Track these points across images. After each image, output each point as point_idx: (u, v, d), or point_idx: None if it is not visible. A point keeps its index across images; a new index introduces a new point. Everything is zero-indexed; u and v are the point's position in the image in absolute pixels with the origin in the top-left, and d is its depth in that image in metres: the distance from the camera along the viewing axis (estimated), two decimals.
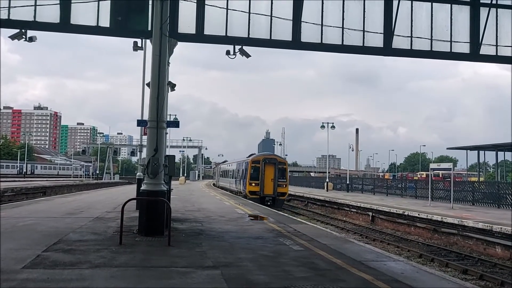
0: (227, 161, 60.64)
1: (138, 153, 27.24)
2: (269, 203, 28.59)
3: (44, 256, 8.37)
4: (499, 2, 14.62)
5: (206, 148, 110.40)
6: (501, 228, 17.02)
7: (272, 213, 19.17)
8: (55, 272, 7.17)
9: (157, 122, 11.67)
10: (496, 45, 14.67)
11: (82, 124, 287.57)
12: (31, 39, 12.72)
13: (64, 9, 12.73)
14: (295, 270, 7.80)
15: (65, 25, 12.79)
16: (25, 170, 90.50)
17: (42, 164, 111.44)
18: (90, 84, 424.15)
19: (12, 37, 12.58)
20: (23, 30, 12.51)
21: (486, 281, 12.69)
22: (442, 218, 20.29)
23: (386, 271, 7.99)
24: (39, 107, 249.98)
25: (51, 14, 12.79)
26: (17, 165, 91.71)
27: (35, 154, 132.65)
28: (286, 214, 18.48)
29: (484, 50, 14.59)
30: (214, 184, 66.28)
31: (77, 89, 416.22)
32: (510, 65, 15.80)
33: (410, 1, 14.17)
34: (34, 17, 12.69)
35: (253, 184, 30.27)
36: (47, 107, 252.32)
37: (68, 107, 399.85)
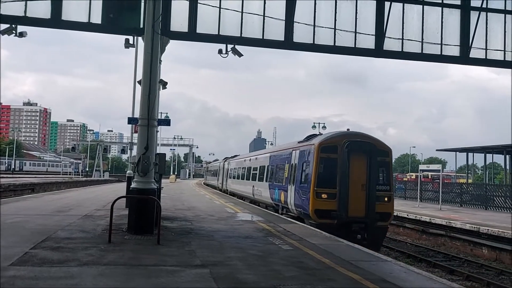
0: (237, 156, 39.05)
1: (129, 150, 27.13)
2: (358, 235, 14.19)
3: (32, 254, 8.30)
4: (489, 6, 14.79)
5: (197, 147, 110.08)
6: (488, 229, 17.23)
7: (262, 212, 19.19)
8: (43, 270, 7.12)
9: (148, 120, 11.63)
10: (486, 49, 14.84)
11: (72, 121, 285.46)
12: (21, 35, 12.61)
13: (55, 5, 12.63)
14: (284, 270, 7.83)
15: (56, 21, 12.69)
16: (13, 167, 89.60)
17: (31, 161, 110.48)
18: (81, 81, 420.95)
19: (2, 32, 12.46)
20: (13, 26, 12.39)
21: (473, 282, 12.84)
22: (430, 219, 20.49)
23: (375, 271, 8.05)
24: (28, 103, 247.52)
25: (42, 9, 12.69)
26: (5, 162, 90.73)
27: (24, 151, 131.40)
28: (277, 214, 18.52)
29: (474, 53, 14.75)
30: (206, 184, 62.42)
31: (67, 85, 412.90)
32: (499, 68, 15.98)
33: (401, 3, 14.27)
34: (25, 12, 12.58)
35: (323, 196, 14.99)
36: (36, 103, 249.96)
37: (58, 103, 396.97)
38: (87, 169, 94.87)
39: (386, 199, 15.12)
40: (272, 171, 21.33)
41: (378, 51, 14.24)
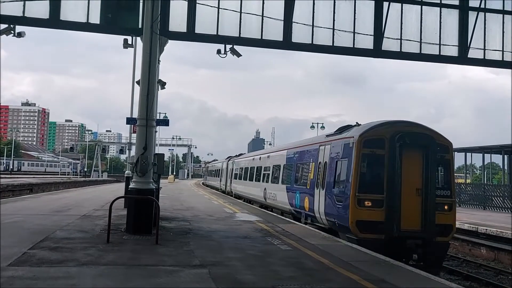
0: (242, 154, 37.13)
1: (127, 151, 27.13)
2: (414, 255, 11.51)
3: (30, 254, 8.29)
4: (487, 7, 14.81)
5: (196, 147, 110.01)
6: (486, 229, 17.26)
7: (261, 212, 19.19)
8: (42, 270, 7.11)
9: (146, 120, 11.63)
10: (484, 49, 14.86)
11: (71, 121, 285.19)
12: (19, 35, 12.58)
13: (53, 5, 12.61)
14: (283, 270, 7.83)
15: (54, 21, 12.67)
16: (11, 167, 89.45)
17: (29, 161, 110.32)
18: (79, 81, 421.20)
19: (1, 32, 12.43)
20: (11, 26, 12.37)
21: (471, 282, 12.86)
22: None
23: (374, 271, 8.05)
24: (26, 103, 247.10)
25: (41, 9, 12.66)
26: (3, 162, 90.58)
27: (22, 151, 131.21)
28: (275, 214, 18.52)
29: (472, 54, 14.76)
30: (204, 184, 60.41)
31: (65, 85, 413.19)
32: (497, 68, 16.01)
33: (400, 4, 14.27)
34: (23, 12, 12.55)
35: (367, 203, 11.85)
36: (35, 104, 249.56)
37: (55, 103, 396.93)
38: (86, 169, 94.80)
39: (446, 207, 12.00)
40: (291, 171, 18.09)
41: (377, 51, 14.24)
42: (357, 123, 13.79)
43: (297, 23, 13.64)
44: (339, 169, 12.82)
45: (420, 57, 14.70)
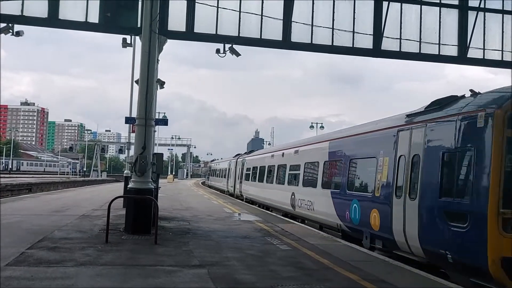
0: (254, 151, 32.66)
1: (126, 150, 27.12)
2: None
3: (28, 254, 8.26)
4: (487, 6, 14.79)
5: (195, 147, 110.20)
6: None
7: (260, 212, 19.17)
8: (39, 270, 7.08)
9: (145, 119, 11.61)
10: (484, 49, 14.83)
11: (70, 120, 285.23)
12: (18, 34, 12.55)
13: (52, 4, 12.56)
14: (282, 270, 7.80)
15: (53, 20, 12.62)
16: (10, 167, 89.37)
17: (28, 161, 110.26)
18: (78, 81, 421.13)
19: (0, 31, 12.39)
20: (10, 25, 12.33)
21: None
22: None
23: (373, 271, 8.02)
24: (26, 103, 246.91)
25: (39, 8, 12.62)
26: (2, 161, 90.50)
27: (21, 151, 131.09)
28: (274, 214, 18.49)
29: (471, 53, 14.72)
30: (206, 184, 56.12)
31: (64, 85, 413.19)
32: (497, 68, 15.99)
33: (399, 3, 14.24)
34: (22, 11, 12.51)
35: None
36: (34, 103, 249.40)
37: (55, 103, 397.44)
38: (85, 169, 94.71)
39: None
40: (340, 170, 13.18)
41: (376, 51, 14.21)
42: (472, 91, 8.80)
43: (296, 22, 13.61)
44: (453, 166, 8.15)
45: (419, 56, 14.67)
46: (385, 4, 14.03)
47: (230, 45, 13.07)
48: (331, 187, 13.51)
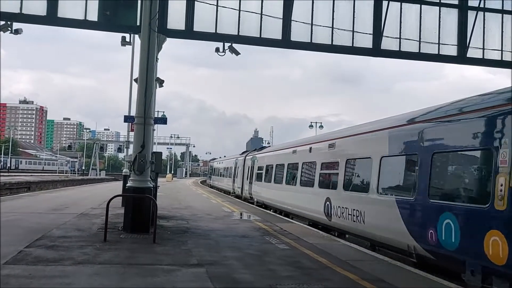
0: (266, 147, 29.87)
1: (125, 149, 27.09)
2: None
3: (26, 252, 8.24)
4: (486, 6, 14.78)
5: (194, 146, 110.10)
6: None
7: (259, 211, 19.16)
8: (37, 269, 7.06)
9: (144, 118, 11.59)
10: (483, 48, 14.83)
11: (69, 119, 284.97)
12: (16, 32, 12.51)
13: (51, 1, 12.53)
14: (280, 269, 7.79)
15: (52, 18, 12.59)
16: (9, 165, 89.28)
17: (27, 159, 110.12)
18: (77, 79, 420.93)
19: None
20: (8, 23, 12.30)
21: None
22: None
23: (372, 270, 8.01)
24: (24, 101, 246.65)
25: (38, 6, 12.59)
26: (1, 160, 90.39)
27: (20, 149, 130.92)
28: (273, 213, 18.48)
29: (471, 53, 14.72)
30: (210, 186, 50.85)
31: (63, 83, 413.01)
32: (496, 68, 15.98)
33: (399, 3, 14.23)
34: (21, 9, 12.48)
35: None
36: (32, 101, 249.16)
37: (53, 101, 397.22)
38: (84, 168, 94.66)
39: None
40: (407, 170, 9.91)
41: (376, 51, 14.20)
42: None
43: (296, 21, 13.59)
44: None
45: (419, 56, 14.66)
46: (385, 3, 14.02)
47: (230, 44, 13.06)
48: (397, 193, 9.91)
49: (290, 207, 17.54)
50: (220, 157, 54.45)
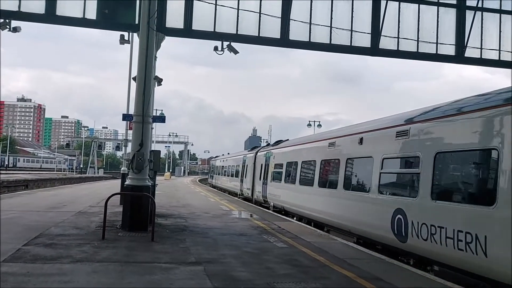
0: (282, 141, 22.87)
1: (123, 147, 27.03)
2: None
3: (24, 250, 8.25)
4: (484, 6, 14.82)
5: (192, 144, 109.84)
6: None
7: (257, 210, 19.19)
8: (35, 266, 7.08)
9: (143, 116, 11.60)
10: (481, 48, 14.87)
11: (67, 117, 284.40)
12: (15, 30, 12.49)
13: (50, 0, 12.52)
14: (278, 267, 7.82)
15: (50, 16, 12.59)
16: (7, 163, 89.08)
17: (24, 157, 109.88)
18: (75, 77, 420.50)
19: None
20: (7, 20, 12.28)
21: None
22: None
23: (369, 269, 8.04)
24: (22, 99, 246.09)
25: (37, 4, 12.58)
26: None
27: (18, 147, 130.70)
28: (271, 212, 18.50)
29: (469, 53, 14.76)
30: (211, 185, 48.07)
31: (61, 81, 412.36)
32: (494, 68, 16.02)
33: (397, 2, 14.26)
34: (19, 7, 12.47)
35: None
36: (30, 99, 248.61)
37: (52, 99, 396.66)
38: (82, 166, 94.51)
39: None
40: None
41: (374, 50, 14.23)
42: None
43: (294, 20, 13.61)
44: None
45: (417, 55, 14.70)
46: (383, 3, 14.05)
47: (228, 42, 13.07)
48: None
49: (327, 217, 13.33)
50: (223, 154, 48.49)
